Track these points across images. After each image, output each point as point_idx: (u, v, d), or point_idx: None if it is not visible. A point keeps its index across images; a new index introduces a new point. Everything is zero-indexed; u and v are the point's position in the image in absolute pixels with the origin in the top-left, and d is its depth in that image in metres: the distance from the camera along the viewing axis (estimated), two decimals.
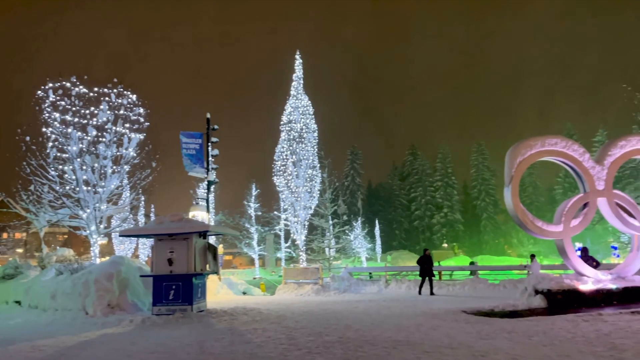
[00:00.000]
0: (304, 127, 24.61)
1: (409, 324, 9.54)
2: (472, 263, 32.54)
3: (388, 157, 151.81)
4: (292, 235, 25.08)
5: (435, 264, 25.04)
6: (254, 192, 44.77)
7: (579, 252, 13.59)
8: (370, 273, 27.05)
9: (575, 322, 9.10)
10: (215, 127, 21.19)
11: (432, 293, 17.49)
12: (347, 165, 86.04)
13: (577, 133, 72.81)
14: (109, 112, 19.31)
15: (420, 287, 17.89)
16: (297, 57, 25.74)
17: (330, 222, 33.98)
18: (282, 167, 24.40)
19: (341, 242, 37.10)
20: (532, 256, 18.27)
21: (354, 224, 49.50)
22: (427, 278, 17.86)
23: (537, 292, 11.85)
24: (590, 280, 11.90)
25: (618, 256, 33.62)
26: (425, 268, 17.88)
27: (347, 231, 40.71)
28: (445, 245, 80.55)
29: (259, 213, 44.45)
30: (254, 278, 39.11)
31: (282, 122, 24.82)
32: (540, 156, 12.71)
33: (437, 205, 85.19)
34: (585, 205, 12.59)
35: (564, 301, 11.44)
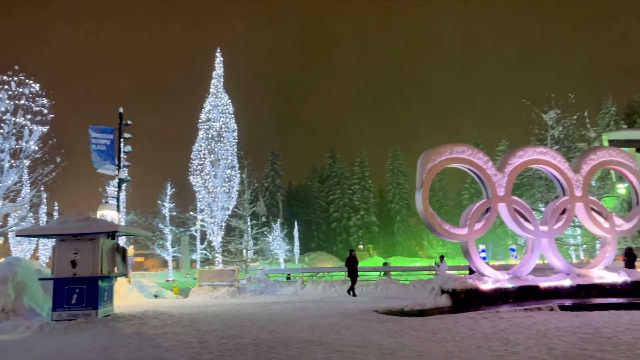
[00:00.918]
0: (223, 126, 24.14)
1: (322, 324, 9.68)
2: (385, 264, 33.74)
3: (308, 160, 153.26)
4: (208, 236, 24.46)
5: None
6: (169, 192, 43.24)
7: (483, 254, 14.55)
8: (288, 275, 27.13)
9: (475, 319, 9.72)
10: (129, 122, 20.21)
11: (354, 294, 17.65)
12: (267, 167, 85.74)
13: (482, 142, 77.94)
14: (8, 101, 17.76)
15: (352, 288, 17.98)
16: (218, 54, 25.26)
17: (249, 223, 33.66)
18: (199, 167, 23.74)
19: (259, 244, 36.88)
20: (441, 257, 19.18)
21: (273, 225, 49.41)
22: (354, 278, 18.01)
23: (443, 291, 12.53)
24: (490, 280, 12.78)
25: (516, 257, 36.44)
26: (354, 269, 18.05)
27: (265, 232, 40.52)
28: (361, 246, 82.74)
29: (174, 213, 43.01)
30: (167, 280, 37.76)
31: (200, 120, 24.16)
32: (449, 163, 13.45)
33: (354, 207, 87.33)
34: (487, 209, 13.49)
35: (467, 300, 12.19)
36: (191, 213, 37.45)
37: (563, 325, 8.72)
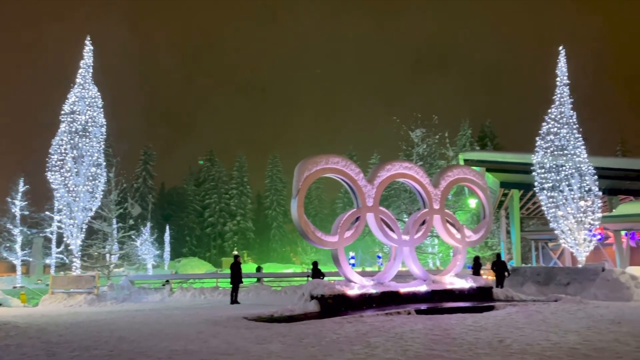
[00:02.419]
0: (90, 120, 22.24)
1: (189, 332, 9.35)
2: (258, 269, 33.72)
3: (184, 161, 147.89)
4: (65, 239, 22.31)
5: (226, 271, 25.07)
6: (22, 189, 38.71)
7: (352, 261, 15.22)
8: (167, 280, 25.94)
9: (341, 324, 10.12)
10: None
11: (236, 301, 17.25)
12: (139, 166, 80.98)
13: (357, 154, 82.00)
14: None
15: (235, 295, 17.50)
16: (88, 43, 23.31)
17: (115, 226, 31.40)
18: (59, 162, 21.55)
19: (125, 248, 34.62)
20: (315, 263, 19.47)
21: (143, 228, 46.75)
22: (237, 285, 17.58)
23: (312, 297, 12.85)
24: (357, 286, 13.41)
25: (382, 264, 38.77)
26: (238, 275, 17.61)
27: (133, 236, 38.13)
28: (235, 252, 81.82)
29: (26, 213, 38.52)
30: (14, 287, 33.73)
31: (63, 112, 21.97)
32: (324, 172, 13.90)
33: (230, 212, 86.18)
34: (357, 219, 14.17)
35: (335, 305, 12.64)
36: (47, 213, 33.91)
37: (417, 327, 9.44)
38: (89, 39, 23.86)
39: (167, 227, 59.85)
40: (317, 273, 17.55)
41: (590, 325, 9.55)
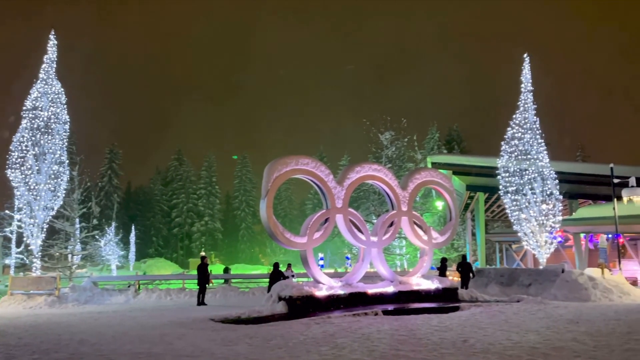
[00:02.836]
0: (52, 116, 21.56)
1: (153, 335, 9.19)
2: (226, 269, 33.37)
3: (152, 161, 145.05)
4: (25, 239, 21.55)
5: (193, 272, 24.68)
6: None
7: (321, 262, 15.22)
8: (134, 282, 25.37)
9: (308, 325, 10.13)
10: None
11: (203, 303, 17.00)
12: (104, 165, 79.03)
13: (327, 156, 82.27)
14: None
15: (202, 297, 17.23)
16: (52, 37, 22.60)
17: (77, 225, 30.56)
18: (19, 160, 20.81)
19: (89, 249, 33.76)
20: (276, 265, 18.88)
21: (107, 228, 45.63)
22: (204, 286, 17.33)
23: (280, 298, 12.82)
24: (325, 287, 13.45)
25: (350, 265, 38.98)
26: (206, 276, 17.35)
27: (97, 236, 37.17)
28: (203, 253, 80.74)
29: None
30: None
31: (25, 108, 21.23)
32: (294, 174, 13.89)
33: (198, 213, 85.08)
34: (326, 220, 14.22)
35: (303, 306, 12.64)
36: (6, 212, 32.68)
37: (384, 328, 9.54)
38: (54, 33, 23.14)
39: (133, 227, 58.53)
40: (276, 275, 17.19)
41: (549, 325, 9.85)
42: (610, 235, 25.69)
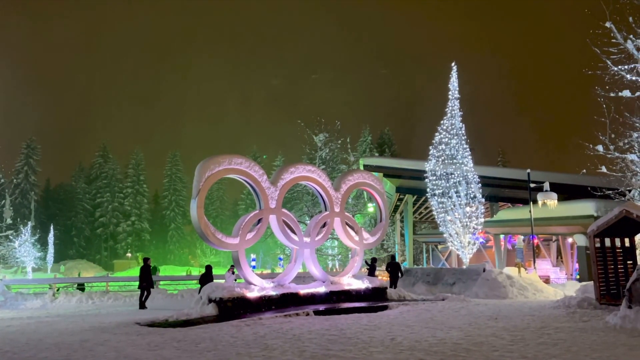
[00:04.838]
0: None
1: (72, 341, 8.67)
2: (154, 268, 32.22)
3: (74, 157, 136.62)
4: None
5: (118, 274, 23.59)
6: None
7: (253, 263, 15.03)
8: (82, 284, 24.06)
9: (239, 327, 9.99)
10: None
11: (144, 306, 16.23)
12: (20, 160, 73.73)
13: (261, 155, 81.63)
14: None
15: (144, 300, 16.44)
16: None
17: None
18: None
19: (1, 250, 31.42)
20: (232, 267, 18.05)
21: (22, 228, 42.60)
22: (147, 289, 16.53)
23: (210, 300, 12.54)
24: (257, 288, 13.33)
25: (283, 266, 38.91)
26: (148, 278, 16.53)
27: (11, 237, 34.61)
28: (129, 254, 77.45)
29: None
30: None
31: None
32: (227, 173, 13.66)
33: (125, 212, 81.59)
34: (259, 220, 14.10)
35: (234, 308, 12.45)
36: None
37: (315, 328, 9.61)
38: None
39: (52, 227, 55.10)
40: (207, 278, 16.92)
41: (471, 321, 10.36)
42: (525, 237, 27.52)
